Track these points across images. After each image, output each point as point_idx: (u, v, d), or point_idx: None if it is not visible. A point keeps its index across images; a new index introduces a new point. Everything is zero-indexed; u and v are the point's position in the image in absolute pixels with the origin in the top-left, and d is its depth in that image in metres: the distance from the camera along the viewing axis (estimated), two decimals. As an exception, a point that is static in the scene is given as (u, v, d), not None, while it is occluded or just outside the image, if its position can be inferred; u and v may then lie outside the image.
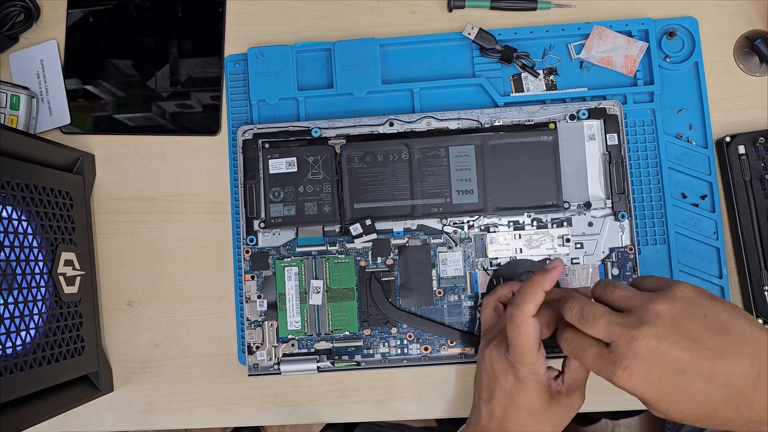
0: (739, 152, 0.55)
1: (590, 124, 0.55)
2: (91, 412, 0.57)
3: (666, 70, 0.57)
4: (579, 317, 0.41)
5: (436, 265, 0.55)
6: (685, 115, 0.57)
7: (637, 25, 0.57)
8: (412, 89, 0.58)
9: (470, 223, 0.55)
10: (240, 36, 0.60)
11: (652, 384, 0.38)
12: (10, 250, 0.45)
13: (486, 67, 0.58)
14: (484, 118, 0.55)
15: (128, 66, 0.60)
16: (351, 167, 0.55)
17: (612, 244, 0.54)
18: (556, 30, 0.57)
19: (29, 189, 0.48)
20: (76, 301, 0.53)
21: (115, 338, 0.58)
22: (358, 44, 0.57)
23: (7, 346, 0.44)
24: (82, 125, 0.60)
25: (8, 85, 0.57)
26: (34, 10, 0.60)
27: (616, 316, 0.40)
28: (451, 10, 0.59)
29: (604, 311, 0.40)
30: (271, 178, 0.55)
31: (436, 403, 0.56)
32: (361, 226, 0.54)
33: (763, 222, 0.54)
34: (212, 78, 0.59)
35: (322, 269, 0.55)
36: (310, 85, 0.59)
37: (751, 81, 0.57)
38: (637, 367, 0.38)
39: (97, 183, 0.59)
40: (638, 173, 0.56)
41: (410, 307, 0.54)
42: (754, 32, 0.58)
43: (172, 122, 0.60)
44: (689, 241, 0.55)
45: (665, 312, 0.38)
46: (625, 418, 1.12)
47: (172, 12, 0.60)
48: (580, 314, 0.41)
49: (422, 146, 0.55)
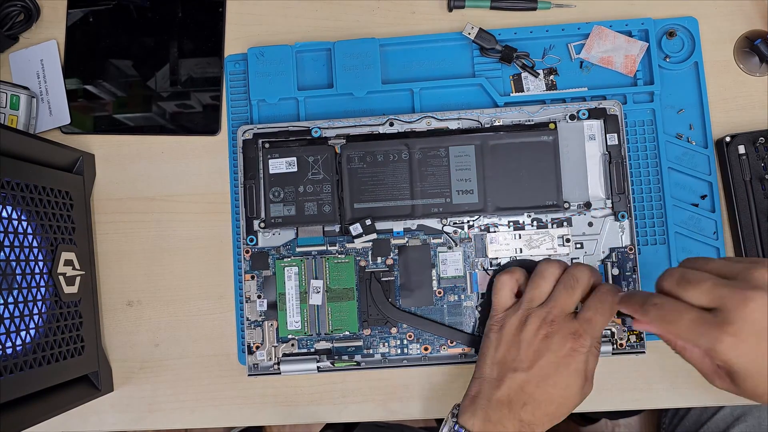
0: (739, 152, 0.55)
1: (590, 124, 0.55)
2: (91, 412, 0.57)
3: (666, 70, 0.57)
4: (679, 280, 0.39)
5: (436, 265, 0.55)
6: (685, 115, 0.57)
7: (637, 25, 0.57)
8: (412, 89, 0.58)
9: (470, 223, 0.55)
10: (240, 36, 0.60)
11: (757, 355, 0.36)
12: (10, 250, 0.45)
13: (486, 67, 0.58)
14: (484, 118, 0.55)
15: (128, 66, 0.60)
16: (351, 167, 0.55)
17: (612, 244, 0.54)
18: (556, 30, 0.57)
19: (29, 189, 0.48)
20: (76, 301, 0.53)
21: (115, 338, 0.58)
22: (358, 44, 0.57)
23: (7, 346, 0.44)
24: (82, 125, 0.60)
25: (8, 85, 0.57)
26: (34, 10, 0.60)
27: (723, 280, 0.38)
28: (451, 10, 0.59)
29: (709, 275, 0.38)
30: (271, 178, 0.55)
31: (436, 403, 0.56)
32: (361, 226, 0.54)
33: (763, 222, 0.54)
34: (212, 78, 0.60)
35: (322, 269, 0.55)
36: (310, 85, 0.59)
37: (751, 81, 0.58)
38: (747, 333, 0.36)
39: (97, 183, 0.59)
40: (638, 173, 0.56)
41: (410, 307, 0.54)
42: (754, 32, 0.58)
43: (172, 122, 0.60)
44: (689, 241, 0.56)
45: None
46: (624, 418, 1.12)
47: (172, 12, 0.60)
48: (680, 277, 0.39)
49: (422, 146, 0.55)
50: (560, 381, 0.45)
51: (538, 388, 0.46)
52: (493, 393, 0.46)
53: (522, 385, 0.46)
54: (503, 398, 0.46)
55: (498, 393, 0.46)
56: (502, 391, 0.46)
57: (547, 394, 0.45)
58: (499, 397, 0.46)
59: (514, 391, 0.46)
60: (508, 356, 0.47)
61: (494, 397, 0.46)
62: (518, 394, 0.46)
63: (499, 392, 0.46)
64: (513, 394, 0.46)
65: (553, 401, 0.46)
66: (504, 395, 0.46)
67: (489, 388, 0.47)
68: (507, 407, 0.46)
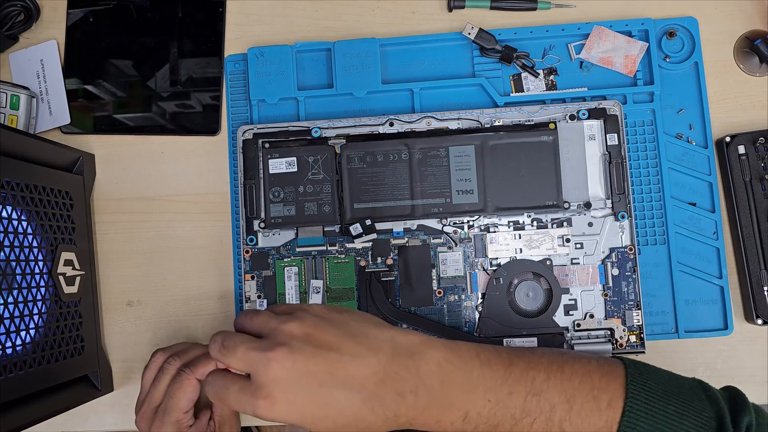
0: (739, 152, 0.55)
1: (590, 124, 0.55)
2: (91, 412, 0.57)
3: (666, 70, 0.57)
4: (220, 348, 0.39)
5: (436, 265, 0.55)
6: (685, 115, 0.57)
7: (637, 25, 0.57)
8: (412, 89, 0.58)
9: (470, 223, 0.55)
10: (240, 36, 0.60)
11: (298, 407, 0.37)
12: (10, 250, 0.45)
13: (486, 67, 0.58)
14: (484, 118, 0.55)
15: (128, 66, 0.60)
16: (351, 167, 0.55)
17: (612, 244, 0.54)
18: (556, 30, 0.57)
19: (29, 189, 0.48)
20: (76, 301, 0.53)
21: (115, 338, 0.58)
22: (358, 44, 0.57)
23: (7, 346, 0.44)
24: (82, 125, 0.60)
25: (8, 85, 0.57)
26: (34, 10, 0.59)
27: (255, 341, 0.38)
28: (451, 10, 0.59)
29: (244, 338, 0.39)
30: (271, 178, 0.55)
31: (436, 403, 0.56)
32: (361, 226, 0.54)
33: (763, 222, 0.54)
34: (212, 78, 0.60)
35: (322, 269, 0.55)
36: (310, 85, 0.59)
37: (751, 81, 0.58)
38: (279, 392, 0.37)
39: (97, 183, 0.59)
40: (638, 173, 0.56)
41: (410, 307, 0.54)
42: (754, 32, 0.58)
43: (172, 122, 0.60)
44: (689, 241, 0.56)
45: (297, 329, 0.38)
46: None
47: (172, 12, 0.60)
48: (221, 345, 0.39)
49: (422, 146, 0.55)
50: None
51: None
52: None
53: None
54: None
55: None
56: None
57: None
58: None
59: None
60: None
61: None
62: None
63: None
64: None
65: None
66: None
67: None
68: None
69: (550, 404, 0.40)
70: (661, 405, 0.39)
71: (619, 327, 0.53)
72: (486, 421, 0.39)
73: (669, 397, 0.40)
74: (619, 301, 0.53)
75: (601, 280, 0.54)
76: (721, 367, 0.55)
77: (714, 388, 0.42)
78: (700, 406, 0.40)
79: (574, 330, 0.53)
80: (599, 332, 0.53)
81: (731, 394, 0.42)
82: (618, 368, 0.42)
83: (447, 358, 0.40)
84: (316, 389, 0.37)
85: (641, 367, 0.42)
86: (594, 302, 0.54)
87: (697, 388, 0.41)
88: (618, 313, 0.53)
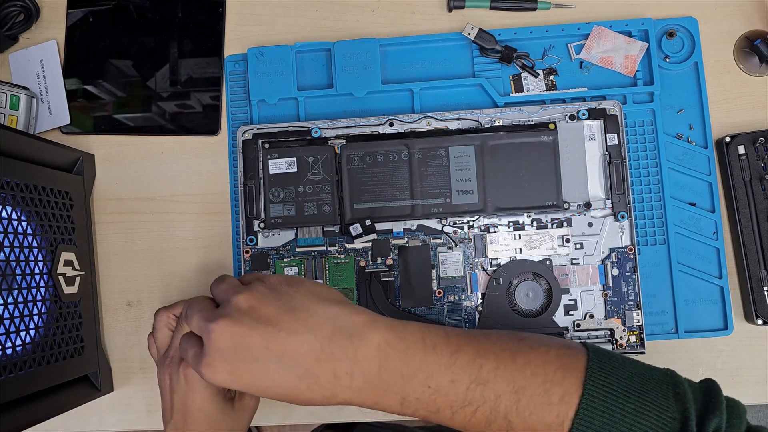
0: (738, 152, 0.55)
1: (590, 124, 0.55)
2: (91, 412, 0.57)
3: (666, 70, 0.57)
4: (184, 314, 0.41)
5: (436, 266, 0.55)
6: (685, 115, 0.57)
7: (637, 25, 0.57)
8: (412, 89, 0.58)
9: (470, 224, 0.55)
10: (240, 36, 0.60)
11: (238, 377, 0.37)
12: (10, 250, 0.45)
13: (486, 67, 0.58)
14: (484, 118, 0.55)
15: (128, 66, 0.60)
16: (351, 167, 0.55)
17: (612, 245, 0.54)
18: (556, 30, 0.57)
19: (29, 189, 0.48)
20: (75, 301, 0.53)
21: (115, 338, 0.58)
22: (358, 44, 0.57)
23: (7, 346, 0.44)
24: (82, 125, 0.60)
25: (8, 85, 0.57)
26: (34, 10, 0.59)
27: (208, 311, 0.39)
28: (451, 10, 0.59)
29: (202, 306, 0.40)
30: (271, 179, 0.55)
31: (435, 403, 0.56)
32: (361, 227, 0.54)
33: (763, 222, 0.54)
34: (212, 78, 0.60)
35: (321, 269, 0.55)
36: (310, 85, 0.59)
37: (751, 81, 0.57)
38: (218, 362, 0.37)
39: (97, 183, 0.59)
40: (638, 173, 0.56)
41: (410, 307, 0.54)
42: (754, 32, 0.57)
43: (172, 122, 0.60)
44: (689, 241, 0.56)
45: (243, 301, 0.38)
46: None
47: (172, 12, 0.60)
48: (186, 310, 0.41)
49: (422, 146, 0.55)
50: (194, 428, 0.46)
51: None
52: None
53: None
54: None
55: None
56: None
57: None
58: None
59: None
60: (164, 407, 0.48)
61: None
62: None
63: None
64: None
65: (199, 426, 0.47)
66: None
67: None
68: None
69: (495, 394, 0.38)
70: (620, 403, 0.37)
71: (619, 327, 0.53)
72: (425, 407, 0.39)
73: (629, 395, 0.38)
74: (619, 301, 0.53)
75: (601, 280, 0.54)
76: (721, 367, 0.55)
77: (687, 383, 0.40)
78: (663, 405, 0.37)
79: (574, 330, 0.53)
80: (599, 332, 0.53)
81: (706, 390, 0.39)
82: (579, 361, 0.39)
83: (388, 341, 0.39)
84: (252, 362, 0.37)
85: (605, 360, 0.40)
86: (594, 302, 0.54)
87: (665, 385, 0.39)
88: (618, 314, 0.53)
